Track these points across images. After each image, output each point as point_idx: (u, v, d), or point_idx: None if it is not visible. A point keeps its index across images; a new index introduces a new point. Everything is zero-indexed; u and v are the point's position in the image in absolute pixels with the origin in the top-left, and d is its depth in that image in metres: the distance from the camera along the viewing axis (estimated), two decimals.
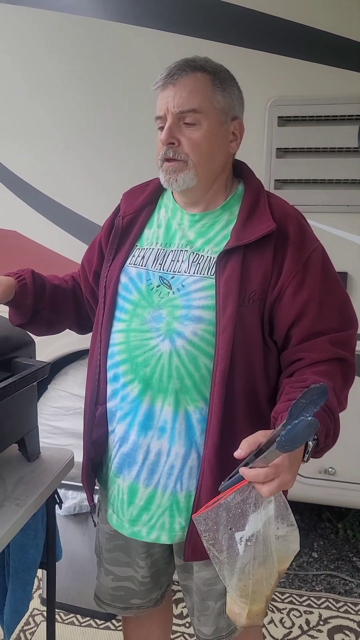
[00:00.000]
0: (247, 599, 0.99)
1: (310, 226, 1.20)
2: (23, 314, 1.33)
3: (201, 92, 1.13)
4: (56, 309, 1.38)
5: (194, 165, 1.14)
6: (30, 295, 1.31)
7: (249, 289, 1.10)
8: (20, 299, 1.29)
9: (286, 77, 1.95)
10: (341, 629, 2.04)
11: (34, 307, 1.32)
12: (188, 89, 1.12)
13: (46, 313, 1.36)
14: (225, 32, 1.95)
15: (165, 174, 1.16)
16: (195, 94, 1.12)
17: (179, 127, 1.13)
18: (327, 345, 1.10)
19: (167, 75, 1.13)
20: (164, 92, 1.14)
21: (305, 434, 0.83)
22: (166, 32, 1.99)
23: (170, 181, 1.15)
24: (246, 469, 0.90)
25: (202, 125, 1.13)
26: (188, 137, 1.13)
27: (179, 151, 1.14)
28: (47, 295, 1.35)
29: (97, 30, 2.06)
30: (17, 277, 1.31)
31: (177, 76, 1.12)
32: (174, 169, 1.14)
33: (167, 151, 1.14)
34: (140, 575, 1.35)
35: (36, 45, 2.14)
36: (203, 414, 1.14)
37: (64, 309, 1.40)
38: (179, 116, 1.12)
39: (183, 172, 1.14)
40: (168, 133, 1.13)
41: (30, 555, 1.46)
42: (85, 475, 1.31)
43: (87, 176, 2.20)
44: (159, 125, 1.16)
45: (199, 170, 1.15)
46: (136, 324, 1.18)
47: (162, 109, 1.14)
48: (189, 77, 1.12)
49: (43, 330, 1.41)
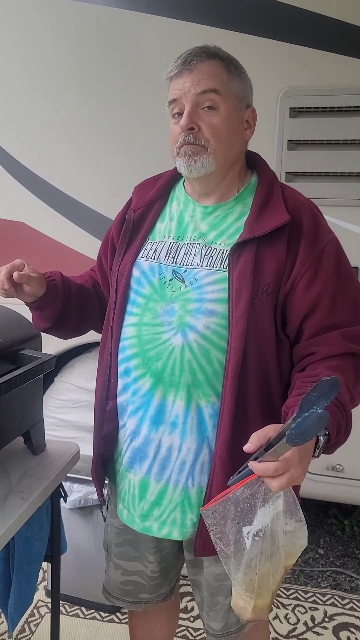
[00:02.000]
0: (253, 594, 0.98)
1: (325, 218, 1.18)
2: (49, 316, 1.31)
3: (219, 76, 1.12)
4: (82, 310, 1.36)
5: (213, 150, 1.12)
6: (60, 296, 1.29)
7: (262, 282, 1.09)
8: (50, 299, 1.27)
9: (298, 67, 1.92)
10: (346, 626, 2.03)
11: (62, 308, 1.31)
12: (207, 73, 1.11)
13: (73, 315, 1.34)
14: (235, 19, 1.91)
15: (184, 157, 1.13)
16: (213, 78, 1.11)
17: (197, 113, 1.11)
18: (340, 340, 1.08)
19: (184, 62, 1.11)
20: (180, 78, 1.12)
21: (316, 428, 0.82)
22: (174, 19, 1.96)
23: (189, 163, 1.13)
24: (255, 463, 0.89)
25: (220, 110, 1.11)
26: (208, 122, 1.11)
27: (199, 136, 1.12)
28: (73, 296, 1.33)
29: (102, 18, 2.04)
30: (48, 277, 1.28)
31: (194, 62, 1.11)
32: (193, 151, 1.12)
33: (187, 137, 1.12)
34: (150, 570, 1.35)
35: (42, 34, 2.12)
36: (215, 408, 1.13)
37: (89, 310, 1.38)
38: (198, 99, 1.11)
39: (202, 155, 1.12)
40: (188, 118, 1.11)
41: (35, 548, 1.46)
42: (95, 469, 1.31)
43: (95, 168, 2.19)
44: (173, 109, 1.15)
45: (218, 157, 1.13)
46: (148, 318, 1.17)
47: (177, 93, 1.12)
48: (205, 63, 1.11)
49: (68, 332, 1.40)
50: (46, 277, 1.27)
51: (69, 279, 1.35)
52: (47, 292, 1.26)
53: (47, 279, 1.27)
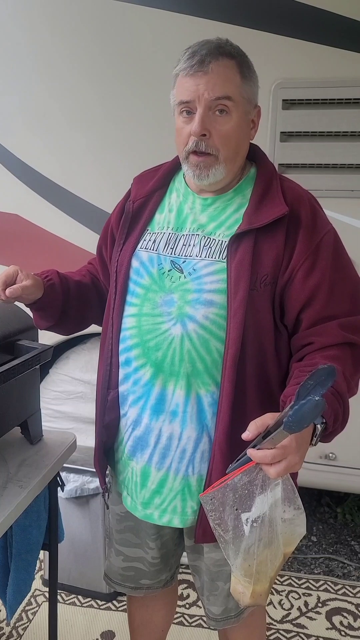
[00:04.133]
0: (251, 579, 1.00)
1: (323, 210, 1.19)
2: (51, 315, 1.31)
3: (233, 81, 1.10)
4: (82, 305, 1.37)
5: (224, 159, 1.12)
6: (59, 295, 1.29)
7: (260, 272, 1.10)
8: (50, 299, 1.27)
9: (291, 59, 1.92)
10: (339, 610, 2.07)
11: (63, 307, 1.31)
12: (222, 77, 1.09)
13: (74, 312, 1.34)
14: (228, 12, 1.91)
15: (195, 169, 1.14)
16: (229, 83, 1.10)
17: (209, 117, 1.10)
18: (338, 330, 1.09)
19: (199, 63, 1.09)
20: (194, 79, 1.09)
21: (312, 415, 0.83)
22: (171, 12, 1.95)
23: (202, 177, 1.13)
24: (253, 451, 0.91)
25: (232, 116, 1.11)
26: (219, 129, 1.11)
27: (210, 144, 1.11)
28: (72, 293, 1.33)
29: (102, 11, 2.02)
30: (45, 277, 1.28)
31: (209, 64, 1.08)
32: (204, 164, 1.12)
33: (199, 143, 1.11)
34: (150, 557, 1.36)
35: (41, 27, 2.11)
36: (214, 397, 1.14)
37: (89, 305, 1.39)
38: (211, 104, 1.09)
39: (214, 167, 1.12)
40: (202, 125, 1.09)
41: (32, 537, 1.47)
42: (97, 458, 1.32)
43: (90, 159, 2.18)
44: (181, 109, 1.13)
45: (228, 164, 1.14)
46: (148, 308, 1.18)
47: (190, 95, 1.10)
48: (220, 63, 1.09)
49: (71, 328, 1.40)
50: (43, 278, 1.27)
51: (67, 276, 1.35)
52: (45, 292, 1.26)
53: (44, 279, 1.27)
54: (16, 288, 1.18)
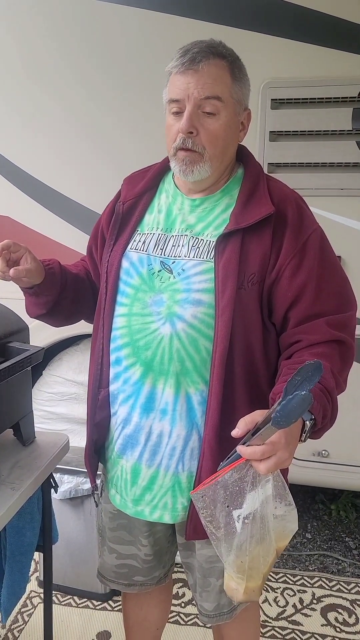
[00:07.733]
0: (244, 575, 1.00)
1: (310, 209, 1.20)
2: (44, 303, 1.31)
3: (224, 81, 1.11)
4: (77, 299, 1.37)
5: (209, 157, 1.13)
6: (57, 284, 1.30)
7: (247, 271, 1.11)
8: (47, 287, 1.28)
9: (279, 58, 1.93)
10: (334, 607, 2.08)
11: (58, 296, 1.32)
12: (212, 76, 1.10)
13: (67, 303, 1.35)
14: (217, 12, 1.92)
15: (181, 164, 1.15)
16: (219, 83, 1.11)
17: (197, 116, 1.11)
18: (325, 327, 1.10)
19: (190, 61, 1.10)
20: (184, 77, 1.11)
21: (300, 409, 0.84)
22: (161, 13, 1.96)
23: (187, 172, 1.15)
24: (243, 447, 0.91)
25: (220, 116, 1.12)
26: (206, 127, 1.12)
27: (196, 142, 1.12)
28: (69, 285, 1.34)
29: (94, 13, 2.03)
30: (46, 265, 1.29)
31: (200, 62, 1.09)
32: (190, 160, 1.13)
33: (186, 140, 1.12)
34: (143, 554, 1.37)
35: (30, 29, 2.11)
36: (204, 396, 1.15)
37: (83, 299, 1.39)
38: (200, 103, 1.10)
39: (199, 164, 1.13)
40: (189, 122, 1.11)
41: (26, 539, 1.47)
42: (88, 456, 1.33)
43: (80, 161, 2.18)
44: (172, 108, 1.14)
45: (214, 163, 1.15)
46: (137, 308, 1.19)
47: (180, 93, 1.11)
48: (211, 64, 1.10)
49: (61, 320, 1.41)
50: (45, 265, 1.28)
51: (66, 268, 1.36)
52: (45, 279, 1.27)
53: (45, 266, 1.28)
54: (21, 270, 1.19)
